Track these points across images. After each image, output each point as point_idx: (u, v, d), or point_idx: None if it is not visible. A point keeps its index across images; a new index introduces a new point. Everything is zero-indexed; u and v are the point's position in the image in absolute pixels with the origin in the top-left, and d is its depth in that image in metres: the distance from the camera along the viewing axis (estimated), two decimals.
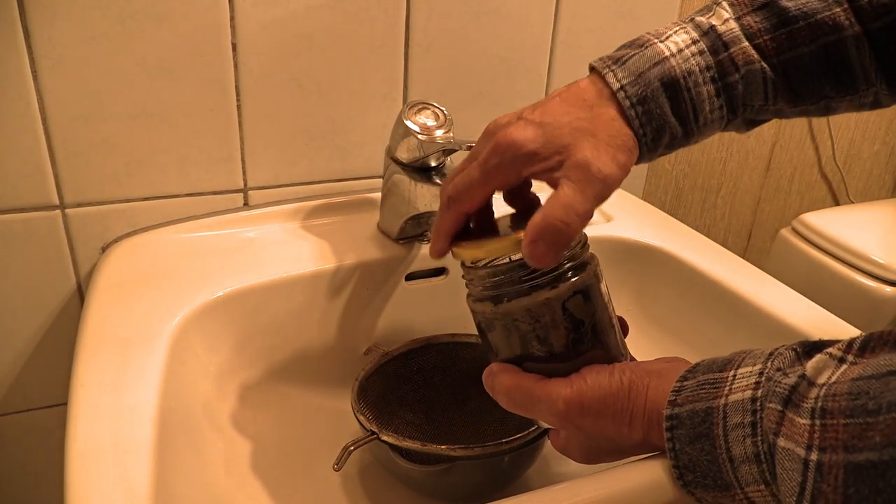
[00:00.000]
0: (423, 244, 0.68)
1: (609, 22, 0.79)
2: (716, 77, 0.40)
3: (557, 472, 0.59)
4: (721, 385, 0.36)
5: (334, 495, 0.56)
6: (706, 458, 0.36)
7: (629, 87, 0.39)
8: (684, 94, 0.39)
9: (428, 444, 0.50)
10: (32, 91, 0.58)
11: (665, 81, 0.39)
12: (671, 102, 0.39)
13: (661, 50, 0.40)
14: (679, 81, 0.39)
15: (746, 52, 0.39)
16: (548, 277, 0.41)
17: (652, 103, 0.39)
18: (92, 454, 0.42)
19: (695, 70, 0.39)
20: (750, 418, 0.34)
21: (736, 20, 0.40)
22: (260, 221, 0.70)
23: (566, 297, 0.41)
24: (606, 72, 0.40)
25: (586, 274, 0.42)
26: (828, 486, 0.29)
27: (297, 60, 0.67)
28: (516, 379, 0.42)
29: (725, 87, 0.40)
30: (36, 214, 0.63)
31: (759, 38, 0.39)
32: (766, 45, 0.39)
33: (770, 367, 0.35)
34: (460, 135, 0.61)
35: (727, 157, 1.01)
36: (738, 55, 0.39)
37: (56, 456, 0.44)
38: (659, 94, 0.39)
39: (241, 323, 0.60)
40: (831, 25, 0.38)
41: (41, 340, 0.68)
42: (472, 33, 0.73)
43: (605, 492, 0.40)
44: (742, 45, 0.39)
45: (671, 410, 0.38)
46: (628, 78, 0.39)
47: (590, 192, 0.38)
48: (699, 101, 0.40)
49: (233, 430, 0.58)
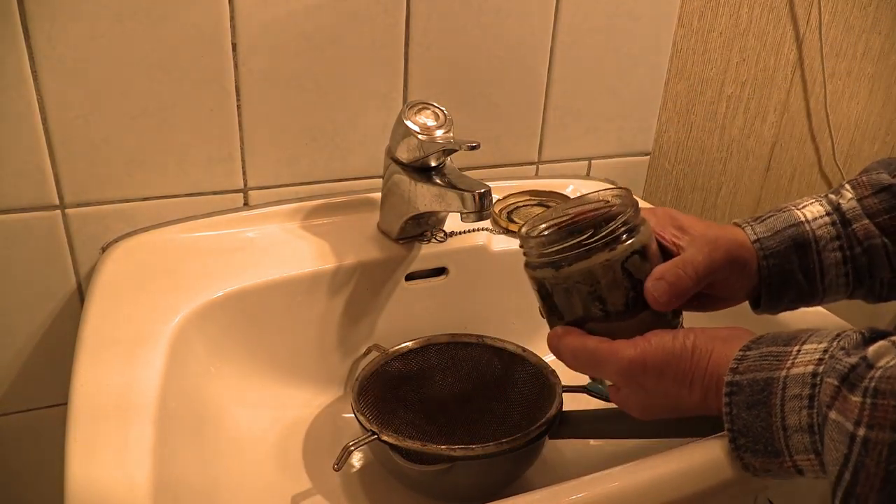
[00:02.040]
0: (423, 244, 0.68)
1: (609, 22, 0.79)
2: (843, 247, 0.45)
3: (557, 472, 0.59)
4: (784, 358, 0.38)
5: (334, 495, 0.56)
6: (760, 425, 0.38)
7: (765, 240, 0.46)
8: (814, 256, 0.45)
9: (428, 444, 0.50)
10: (32, 91, 0.58)
11: (798, 242, 0.45)
12: (800, 261, 0.45)
13: (797, 216, 0.46)
14: (811, 244, 0.45)
15: (867, 228, 0.45)
16: (605, 240, 0.43)
17: (783, 258, 0.45)
18: (92, 454, 0.42)
19: (825, 236, 0.45)
20: (808, 391, 0.36)
21: (857, 200, 0.46)
22: (260, 221, 0.70)
23: (625, 258, 0.43)
24: (746, 226, 0.47)
25: (642, 235, 0.44)
26: (871, 460, 0.31)
27: (297, 60, 0.67)
28: (581, 340, 0.45)
29: (852, 257, 0.45)
30: (36, 214, 0.63)
31: (880, 216, 0.45)
32: (886, 223, 0.44)
33: (835, 346, 0.36)
34: (460, 135, 0.61)
35: (727, 157, 1.01)
36: (859, 230, 0.45)
37: (56, 456, 0.44)
38: (790, 251, 0.45)
39: (241, 323, 0.60)
40: None
41: (41, 340, 0.68)
42: (472, 33, 0.73)
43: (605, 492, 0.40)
44: (863, 221, 0.45)
45: (731, 377, 0.39)
46: (765, 233, 0.46)
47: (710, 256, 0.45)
48: (826, 265, 0.45)
49: (233, 430, 0.58)
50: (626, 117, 0.86)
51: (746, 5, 0.90)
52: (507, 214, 0.75)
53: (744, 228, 0.47)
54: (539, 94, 0.79)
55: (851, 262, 0.45)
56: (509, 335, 0.64)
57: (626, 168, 0.90)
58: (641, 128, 0.88)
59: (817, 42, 0.98)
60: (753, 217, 0.48)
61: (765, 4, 0.91)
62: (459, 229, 0.70)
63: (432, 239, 0.69)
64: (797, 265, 0.46)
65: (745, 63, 0.94)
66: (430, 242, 0.68)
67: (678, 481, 0.42)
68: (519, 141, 0.81)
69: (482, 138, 0.75)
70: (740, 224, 0.48)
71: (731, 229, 0.48)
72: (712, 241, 0.46)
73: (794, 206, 0.47)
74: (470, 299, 0.70)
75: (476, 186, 0.58)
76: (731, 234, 0.47)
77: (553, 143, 0.83)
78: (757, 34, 0.93)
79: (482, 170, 0.80)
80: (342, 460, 0.50)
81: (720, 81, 0.94)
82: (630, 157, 0.89)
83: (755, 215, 0.49)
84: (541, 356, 0.61)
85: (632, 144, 0.89)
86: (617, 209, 0.45)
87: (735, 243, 0.46)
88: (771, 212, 0.48)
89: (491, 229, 0.73)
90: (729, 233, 0.47)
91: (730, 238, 0.46)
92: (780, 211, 0.47)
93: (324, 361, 0.65)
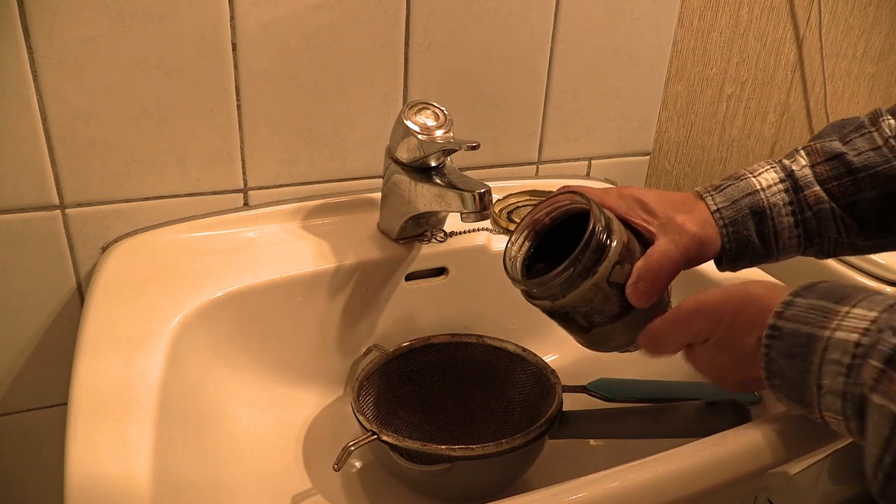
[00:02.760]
0: (422, 244, 0.68)
1: (609, 22, 0.79)
2: (795, 211, 0.48)
3: (557, 472, 0.59)
4: (832, 317, 0.38)
5: (334, 495, 0.56)
6: (797, 376, 0.39)
7: (723, 210, 0.49)
8: (769, 222, 0.48)
9: (428, 444, 0.50)
10: (32, 91, 0.59)
11: (754, 210, 0.49)
12: (757, 227, 0.49)
13: (753, 184, 0.49)
14: (765, 211, 0.48)
15: (818, 194, 0.48)
16: (585, 267, 0.46)
17: (741, 226, 0.48)
18: (92, 454, 0.42)
19: (778, 203, 0.48)
20: (849, 360, 0.36)
21: (810, 167, 0.49)
22: (260, 221, 0.70)
23: (608, 275, 0.46)
24: (707, 196, 0.50)
25: (615, 245, 0.46)
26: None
27: (297, 60, 0.67)
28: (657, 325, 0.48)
29: (803, 220, 0.49)
30: (36, 214, 0.63)
31: (829, 183, 0.48)
32: (835, 190, 0.48)
33: (884, 319, 0.36)
34: (460, 135, 0.61)
35: (727, 157, 1.01)
36: (810, 196, 0.48)
37: (56, 456, 0.44)
38: (748, 219, 0.49)
39: (241, 323, 0.60)
40: (891, 176, 0.47)
41: (41, 340, 0.68)
42: (472, 33, 0.73)
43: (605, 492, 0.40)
44: (814, 188, 0.48)
45: (775, 321, 0.40)
46: (724, 202, 0.49)
47: (680, 243, 0.47)
48: (780, 229, 0.49)
49: (233, 430, 0.58)
50: (626, 117, 0.86)
51: (746, 5, 0.90)
52: (507, 214, 0.75)
53: (705, 199, 0.50)
54: (539, 94, 0.79)
55: (802, 224, 0.49)
56: (509, 335, 0.64)
57: (626, 168, 0.90)
58: (641, 128, 0.88)
59: (817, 42, 0.98)
60: (713, 186, 0.51)
61: (765, 4, 0.91)
62: (459, 229, 0.70)
63: (432, 239, 0.69)
64: (754, 231, 0.49)
65: (745, 63, 0.94)
66: (430, 242, 0.68)
67: (678, 481, 0.43)
68: (519, 141, 0.81)
69: (482, 138, 0.75)
70: (701, 194, 0.51)
71: (694, 203, 0.50)
72: (680, 228, 0.48)
73: (750, 174, 0.50)
74: (470, 299, 0.70)
75: (476, 186, 0.58)
76: (696, 214, 0.49)
77: (553, 143, 0.83)
78: (757, 34, 0.93)
79: (482, 170, 0.80)
80: (342, 460, 0.50)
81: (720, 81, 0.94)
82: (630, 157, 0.89)
83: (715, 183, 0.51)
84: (541, 356, 0.61)
85: (632, 144, 0.89)
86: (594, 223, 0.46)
87: (700, 222, 0.49)
88: (730, 180, 0.51)
89: (491, 229, 0.73)
90: (694, 211, 0.49)
91: (696, 219, 0.49)
92: (738, 179, 0.50)
93: (324, 361, 0.65)
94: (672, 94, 0.91)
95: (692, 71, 0.91)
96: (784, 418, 0.47)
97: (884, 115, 0.49)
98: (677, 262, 0.47)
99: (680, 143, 0.95)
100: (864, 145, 0.48)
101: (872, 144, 0.48)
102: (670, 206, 0.49)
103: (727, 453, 0.45)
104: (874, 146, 0.48)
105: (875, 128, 0.48)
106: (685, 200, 0.50)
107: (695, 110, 0.94)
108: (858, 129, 0.49)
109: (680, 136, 0.95)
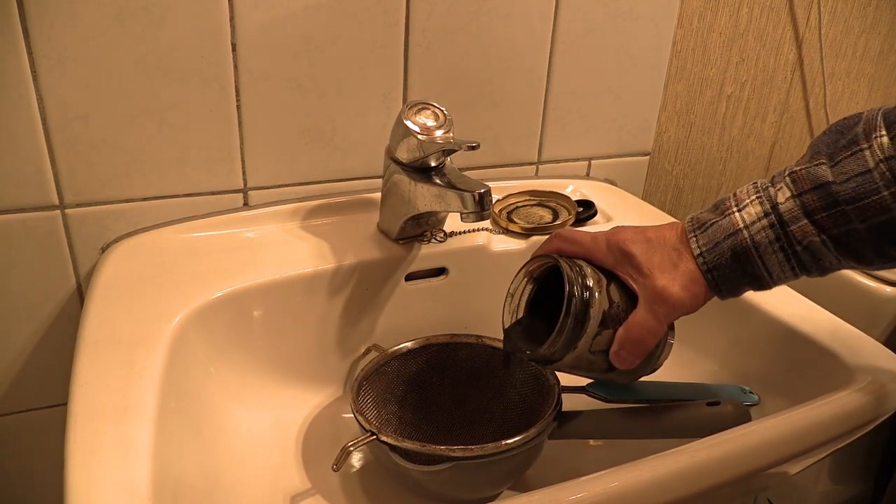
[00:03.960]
0: (422, 244, 0.68)
1: (609, 22, 0.79)
2: (784, 247, 0.46)
3: (557, 472, 0.58)
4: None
5: (334, 495, 0.56)
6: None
7: (707, 255, 0.47)
8: (756, 260, 0.46)
9: (427, 445, 0.50)
10: (32, 91, 0.59)
11: (736, 252, 0.46)
12: (741, 268, 0.46)
13: (736, 221, 0.47)
14: (750, 251, 0.46)
15: (805, 228, 0.45)
16: (564, 345, 0.48)
17: (725, 269, 0.47)
18: (92, 454, 0.42)
19: (763, 242, 0.46)
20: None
21: (797, 198, 0.45)
22: (260, 221, 0.70)
23: (591, 343, 0.48)
24: (691, 237, 0.48)
25: (592, 320, 0.48)
26: None
27: (297, 60, 0.67)
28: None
29: (794, 254, 0.46)
30: (36, 214, 0.63)
31: (817, 214, 0.45)
32: (824, 221, 0.44)
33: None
34: (460, 135, 0.61)
35: (727, 157, 1.01)
36: (797, 232, 0.45)
37: (56, 456, 0.44)
38: (730, 262, 0.47)
39: (241, 323, 0.60)
40: (880, 208, 0.43)
41: (41, 340, 0.68)
42: (472, 33, 0.73)
43: (605, 492, 0.40)
44: (801, 222, 0.45)
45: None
46: (706, 245, 0.47)
47: (660, 313, 0.47)
48: (770, 265, 0.46)
49: (233, 430, 0.58)
50: (626, 117, 0.86)
51: (746, 6, 0.90)
52: (507, 214, 0.75)
53: (689, 241, 0.48)
54: (539, 94, 0.79)
55: (794, 258, 0.46)
56: None
57: (625, 168, 0.90)
58: (641, 128, 0.88)
59: (817, 42, 0.98)
60: (700, 222, 0.48)
61: (764, 5, 0.91)
62: (459, 229, 0.70)
63: (432, 239, 0.69)
64: (741, 271, 0.47)
65: (744, 63, 0.94)
66: (429, 242, 0.68)
67: (678, 481, 0.43)
68: (519, 141, 0.81)
69: (482, 138, 0.75)
70: (688, 233, 0.49)
71: (681, 251, 0.48)
72: (661, 295, 0.47)
73: (735, 206, 0.48)
74: (470, 299, 0.70)
75: (476, 186, 0.58)
76: (681, 268, 0.47)
77: (553, 143, 0.83)
78: (757, 34, 0.93)
79: (482, 170, 0.80)
80: (341, 461, 0.50)
81: (720, 81, 0.94)
82: (630, 157, 0.89)
83: (702, 217, 0.49)
84: None
85: (632, 144, 0.89)
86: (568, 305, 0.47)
87: (683, 282, 0.47)
88: (715, 214, 0.48)
89: (491, 229, 0.73)
90: (679, 265, 0.48)
91: (680, 278, 0.47)
92: (722, 215, 0.48)
93: (323, 361, 0.65)
94: (672, 95, 0.91)
95: (692, 71, 0.91)
96: (784, 418, 0.47)
97: (878, 127, 0.44)
98: (657, 332, 0.48)
99: (680, 144, 0.95)
100: (854, 168, 0.44)
101: (862, 167, 0.43)
102: (657, 258, 0.48)
103: (727, 453, 0.45)
104: (864, 169, 0.43)
105: (867, 144, 0.44)
106: (673, 248, 0.48)
107: (694, 110, 0.94)
108: (851, 145, 0.45)
109: (680, 136, 0.95)
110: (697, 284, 0.47)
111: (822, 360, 0.56)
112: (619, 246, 0.49)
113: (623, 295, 0.49)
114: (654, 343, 0.48)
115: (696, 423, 0.53)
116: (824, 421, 0.48)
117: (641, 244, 0.48)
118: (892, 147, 0.43)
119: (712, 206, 0.49)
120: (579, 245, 0.51)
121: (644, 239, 0.49)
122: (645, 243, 0.48)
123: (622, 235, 0.49)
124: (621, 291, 0.49)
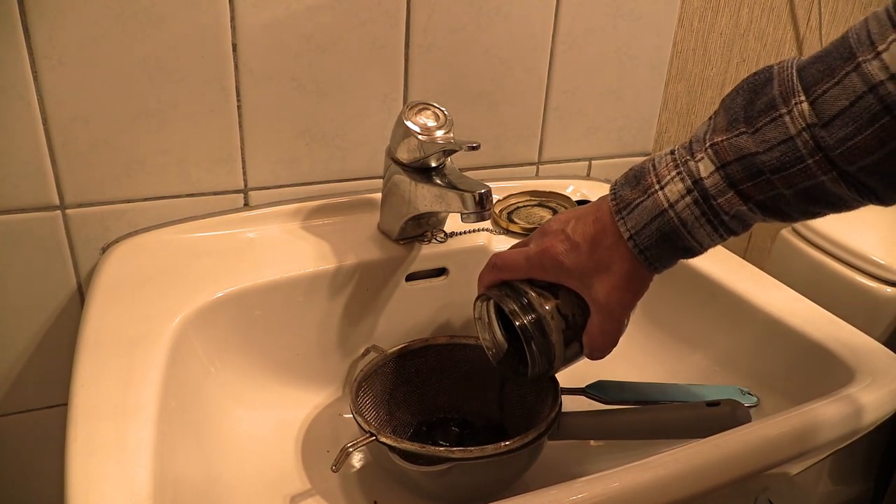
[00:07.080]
0: (423, 245, 0.68)
1: (609, 22, 0.79)
2: (711, 219, 0.45)
3: (557, 472, 0.59)
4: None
5: (333, 496, 0.56)
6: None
7: (637, 237, 0.47)
8: (685, 235, 0.45)
9: (426, 446, 0.50)
10: (32, 91, 0.59)
11: (665, 231, 0.46)
12: (672, 245, 0.46)
13: (660, 201, 0.46)
14: (678, 230, 0.45)
15: (731, 199, 0.44)
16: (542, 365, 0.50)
17: (656, 249, 0.46)
18: (92, 454, 0.42)
19: (689, 219, 0.45)
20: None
21: (721, 170, 0.44)
22: (260, 222, 0.70)
23: (565, 356, 0.51)
24: (619, 219, 0.47)
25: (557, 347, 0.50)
26: None
27: (297, 61, 0.67)
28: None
29: (721, 223, 0.45)
30: (36, 215, 0.63)
31: (743, 184, 0.43)
32: (749, 190, 0.43)
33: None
34: (460, 135, 0.61)
35: None
36: (724, 204, 0.44)
37: (56, 456, 0.44)
38: (660, 242, 0.46)
39: (241, 323, 0.60)
40: (805, 175, 0.42)
41: (41, 340, 0.68)
42: (472, 33, 0.73)
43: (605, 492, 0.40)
44: (728, 195, 0.44)
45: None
46: (635, 228, 0.47)
47: (615, 316, 0.49)
48: (700, 237, 0.46)
49: (233, 430, 0.58)
50: (626, 117, 0.86)
51: (747, 6, 0.90)
52: (507, 215, 0.75)
53: (617, 223, 0.47)
54: (539, 95, 0.79)
55: (722, 227, 0.45)
56: None
57: (625, 168, 0.89)
58: (641, 128, 0.88)
59: (817, 42, 0.98)
60: (625, 202, 0.47)
61: (765, 5, 0.91)
62: (459, 230, 0.71)
63: (432, 239, 0.69)
64: (672, 247, 0.46)
65: (745, 64, 0.94)
66: (430, 243, 0.68)
67: (678, 481, 0.43)
68: (519, 141, 0.81)
69: (482, 138, 0.75)
70: (613, 213, 0.48)
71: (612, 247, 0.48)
72: (605, 305, 0.48)
73: (657, 185, 0.46)
74: (470, 300, 0.70)
75: (476, 187, 0.58)
76: (615, 268, 0.48)
77: (553, 143, 0.83)
78: (757, 35, 0.93)
79: (482, 170, 0.80)
80: (340, 461, 0.50)
81: (720, 82, 0.94)
82: (630, 157, 0.89)
83: (626, 198, 0.48)
84: None
85: (632, 144, 0.89)
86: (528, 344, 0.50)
87: (621, 282, 0.48)
88: (637, 192, 0.47)
89: (491, 230, 0.73)
90: (612, 266, 0.48)
91: (617, 278, 0.48)
92: (645, 193, 0.47)
93: (324, 362, 0.65)
94: (672, 95, 0.91)
95: (692, 71, 0.91)
96: (784, 418, 0.47)
97: (797, 90, 0.41)
98: (619, 329, 0.49)
99: None
100: (775, 136, 0.42)
101: (784, 134, 0.41)
102: (592, 262, 0.48)
103: (727, 453, 0.45)
104: (786, 136, 0.41)
105: (787, 109, 0.41)
106: (604, 244, 0.48)
107: (695, 111, 0.94)
108: (769, 109, 0.42)
109: (680, 136, 0.95)
110: (636, 278, 0.48)
111: (822, 360, 0.56)
112: (552, 261, 0.49)
113: (576, 302, 0.49)
114: (621, 334, 0.50)
115: (696, 423, 0.53)
116: (824, 421, 0.48)
117: (572, 252, 0.48)
118: (812, 114, 0.40)
119: (632, 176, 0.48)
120: (517, 270, 0.51)
121: (573, 245, 0.49)
122: (574, 250, 0.48)
123: (553, 250, 0.49)
124: (573, 300, 0.50)
